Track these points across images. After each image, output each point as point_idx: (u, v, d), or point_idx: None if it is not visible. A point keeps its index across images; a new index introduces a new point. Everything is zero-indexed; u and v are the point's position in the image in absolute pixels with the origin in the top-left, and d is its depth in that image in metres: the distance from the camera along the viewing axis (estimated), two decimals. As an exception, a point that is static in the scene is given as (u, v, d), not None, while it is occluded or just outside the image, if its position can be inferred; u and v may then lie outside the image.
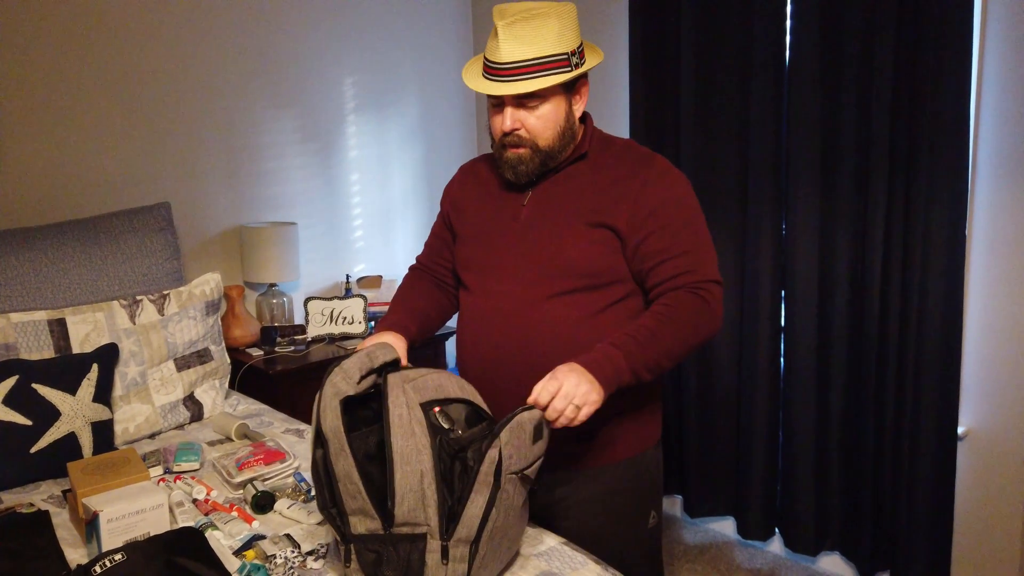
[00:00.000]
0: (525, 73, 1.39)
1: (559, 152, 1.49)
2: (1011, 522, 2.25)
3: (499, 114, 1.46)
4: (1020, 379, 2.19)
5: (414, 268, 1.79)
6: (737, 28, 2.49)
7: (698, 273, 1.44)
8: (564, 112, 1.46)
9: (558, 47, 1.40)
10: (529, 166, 1.47)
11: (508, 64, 1.39)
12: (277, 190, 3.00)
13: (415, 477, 1.21)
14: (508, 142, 1.46)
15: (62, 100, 2.49)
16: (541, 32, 1.39)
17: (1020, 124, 2.11)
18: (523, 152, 1.46)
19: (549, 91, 1.43)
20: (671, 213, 1.46)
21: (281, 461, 1.84)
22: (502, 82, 1.40)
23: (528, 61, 1.38)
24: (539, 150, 1.46)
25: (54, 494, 1.79)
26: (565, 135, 1.48)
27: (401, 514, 1.21)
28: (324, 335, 2.90)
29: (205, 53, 2.76)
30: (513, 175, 1.50)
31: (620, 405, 1.50)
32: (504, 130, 1.45)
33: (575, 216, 1.47)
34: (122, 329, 2.12)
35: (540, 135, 1.45)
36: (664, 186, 1.48)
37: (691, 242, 1.46)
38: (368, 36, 3.16)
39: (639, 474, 1.56)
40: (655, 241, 1.45)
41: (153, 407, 2.13)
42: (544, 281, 1.46)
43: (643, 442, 1.57)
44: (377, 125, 3.24)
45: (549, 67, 1.40)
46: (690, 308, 1.41)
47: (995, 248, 2.19)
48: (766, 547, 2.76)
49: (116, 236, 2.30)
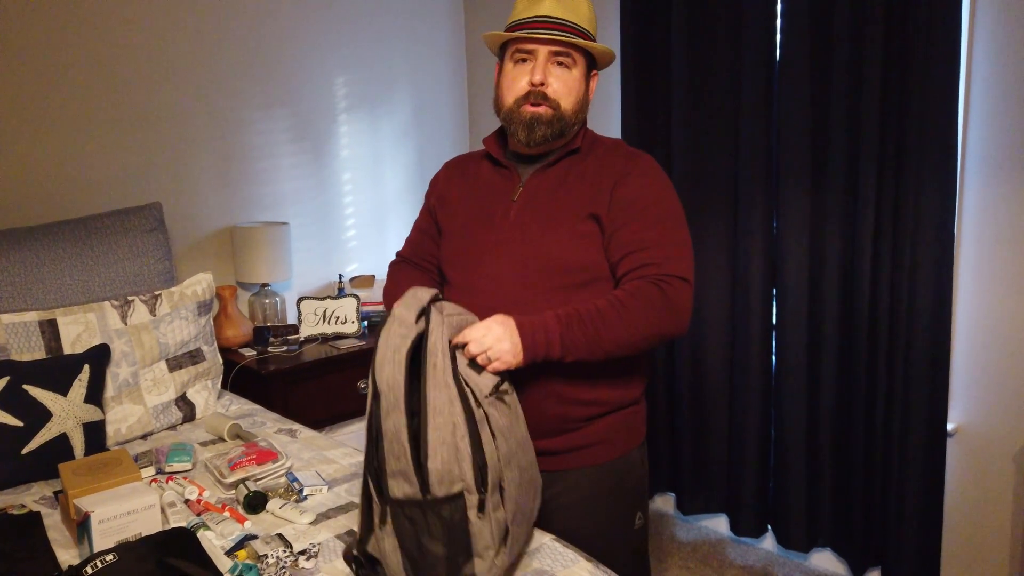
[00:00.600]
0: (566, 31, 1.45)
1: (573, 124, 1.50)
2: (1000, 517, 2.27)
3: (524, 68, 1.48)
4: (1009, 376, 2.21)
5: (397, 261, 1.77)
6: (727, 29, 2.50)
7: (664, 267, 1.41)
8: (584, 87, 1.52)
9: (589, 25, 1.49)
10: (547, 129, 1.47)
11: (552, 18, 1.45)
12: (269, 190, 3.00)
13: (447, 429, 1.19)
14: (532, 99, 1.46)
15: (52, 100, 2.48)
16: (579, 4, 1.48)
17: (1008, 123, 2.12)
18: (543, 111, 1.47)
19: (577, 59, 1.49)
20: (647, 207, 1.45)
21: (273, 461, 1.84)
22: (544, 33, 1.45)
23: (570, 21, 1.46)
24: (560, 112, 1.47)
25: (45, 495, 1.78)
26: (582, 108, 1.51)
27: (435, 469, 1.18)
28: (317, 335, 2.90)
29: (196, 52, 2.76)
30: (527, 136, 1.47)
31: (604, 405, 1.51)
32: (534, 82, 1.46)
33: (565, 212, 1.47)
34: (113, 330, 2.12)
35: (564, 97, 1.48)
36: (644, 182, 1.48)
37: (663, 238, 1.44)
38: (359, 35, 3.15)
39: (624, 475, 1.56)
40: (627, 232, 1.44)
41: (145, 408, 2.13)
42: (534, 277, 1.46)
43: (628, 442, 1.56)
44: (369, 124, 3.24)
45: (585, 35, 1.48)
46: (647, 298, 1.38)
47: (983, 245, 2.20)
48: (759, 544, 2.77)
49: (107, 236, 2.30)
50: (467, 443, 1.19)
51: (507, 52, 1.51)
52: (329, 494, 1.75)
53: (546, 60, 1.46)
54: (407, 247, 1.75)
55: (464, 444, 1.19)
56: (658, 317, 1.38)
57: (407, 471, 1.20)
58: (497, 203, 1.54)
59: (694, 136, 2.62)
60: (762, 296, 2.56)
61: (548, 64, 1.46)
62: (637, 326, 1.37)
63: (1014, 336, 2.18)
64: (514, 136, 1.50)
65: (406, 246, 1.76)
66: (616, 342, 1.38)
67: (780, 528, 2.62)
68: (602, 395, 1.49)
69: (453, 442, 1.19)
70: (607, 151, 1.54)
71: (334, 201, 3.18)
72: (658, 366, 2.83)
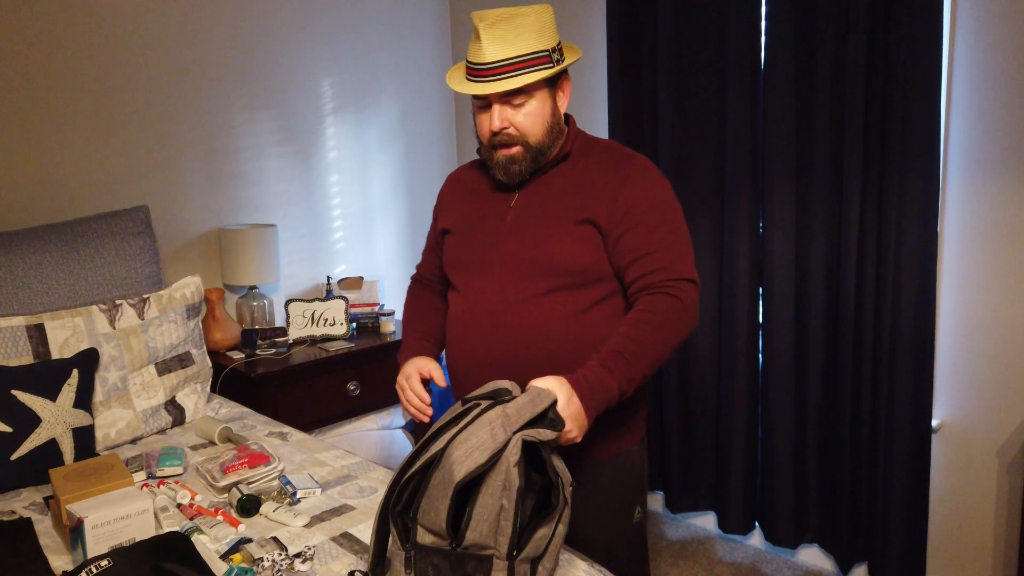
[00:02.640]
0: (509, 71, 1.42)
1: (548, 148, 1.51)
2: (984, 512, 2.30)
3: (486, 115, 1.48)
4: (992, 372, 2.24)
5: (415, 280, 1.83)
6: (713, 30, 2.52)
7: (672, 271, 1.45)
8: (550, 108, 1.49)
9: (539, 44, 1.44)
10: (522, 165, 1.49)
11: (492, 64, 1.42)
12: (256, 192, 2.99)
13: (494, 510, 1.19)
14: (498, 142, 1.48)
15: (38, 104, 2.46)
16: (521, 31, 1.42)
17: (990, 122, 2.16)
18: (515, 151, 1.48)
19: (534, 88, 1.46)
20: (648, 211, 1.48)
21: (265, 464, 1.83)
22: (487, 82, 1.43)
23: (511, 59, 1.41)
24: (530, 147, 1.48)
25: (36, 501, 1.77)
26: (553, 131, 1.50)
27: (471, 539, 1.20)
28: (306, 337, 2.89)
29: (182, 55, 2.74)
30: (505, 175, 1.51)
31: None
32: (493, 129, 1.47)
33: (560, 215, 1.49)
34: (102, 334, 2.11)
35: (529, 132, 1.47)
36: (643, 184, 1.50)
37: (666, 240, 1.47)
38: (346, 37, 3.15)
39: (624, 471, 1.59)
40: (631, 238, 1.46)
41: (134, 412, 2.12)
42: (530, 279, 1.48)
43: (628, 441, 1.59)
44: (356, 126, 3.24)
45: (532, 64, 1.43)
46: (669, 312, 1.42)
47: (966, 244, 2.24)
48: (747, 541, 2.80)
49: (94, 240, 2.28)
50: (509, 523, 1.19)
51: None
52: (322, 496, 1.75)
53: (501, 104, 1.46)
54: (423, 263, 1.82)
55: (507, 524, 1.20)
56: (680, 325, 1.44)
57: (439, 525, 1.20)
58: (495, 209, 1.56)
59: (680, 137, 2.64)
60: (749, 295, 2.59)
61: (504, 107, 1.46)
62: (669, 342, 1.43)
63: (997, 332, 2.22)
64: (495, 175, 1.53)
65: (422, 261, 1.82)
66: (655, 364, 1.42)
67: (768, 525, 2.65)
68: None
69: (496, 522, 1.20)
70: (601, 155, 1.55)
71: (322, 203, 3.17)
72: (646, 365, 2.85)
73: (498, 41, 1.41)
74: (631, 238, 1.46)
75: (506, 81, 1.41)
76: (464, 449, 1.20)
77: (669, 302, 1.42)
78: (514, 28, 1.41)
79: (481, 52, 1.42)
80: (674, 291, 1.43)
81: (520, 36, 1.41)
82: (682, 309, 1.43)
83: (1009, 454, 2.24)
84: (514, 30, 1.41)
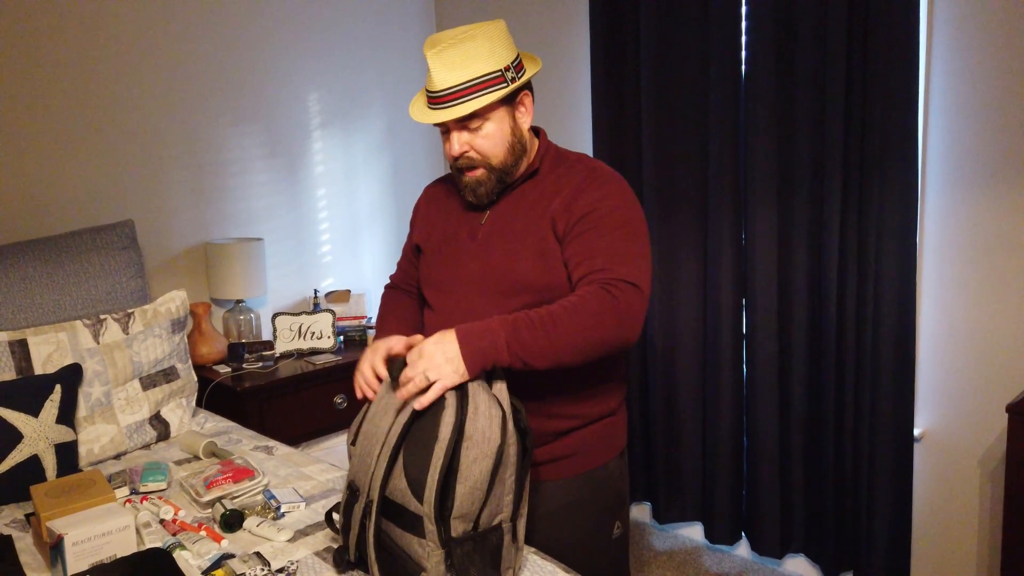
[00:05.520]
0: (461, 97, 1.41)
1: (513, 167, 1.51)
2: (967, 519, 2.32)
3: (447, 140, 1.49)
4: (973, 380, 2.27)
5: (389, 287, 1.81)
6: (695, 46, 2.55)
7: (613, 272, 1.37)
8: (509, 127, 1.48)
9: (489, 65, 1.41)
10: (487, 186, 1.50)
11: (443, 91, 1.42)
12: (242, 206, 2.99)
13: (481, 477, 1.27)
14: (461, 166, 1.49)
15: (21, 118, 2.46)
16: (471, 54, 1.41)
17: (966, 134, 2.19)
18: (479, 174, 1.49)
19: (488, 110, 1.44)
20: (602, 218, 1.44)
21: (250, 479, 1.83)
22: (440, 109, 1.43)
23: (462, 84, 1.41)
24: (493, 169, 1.49)
25: (17, 518, 1.76)
26: (515, 149, 1.49)
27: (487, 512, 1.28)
28: (293, 351, 2.89)
29: (167, 69, 2.75)
30: (474, 197, 1.52)
31: (582, 418, 1.53)
32: (453, 155, 1.48)
33: (527, 232, 1.49)
34: (85, 349, 2.10)
35: (491, 154, 1.47)
36: (600, 194, 1.46)
37: (615, 246, 1.42)
38: (332, 51, 3.17)
39: (603, 485, 1.58)
40: (580, 242, 1.43)
41: (118, 427, 2.11)
42: (499, 297, 1.48)
43: (606, 453, 1.58)
44: (343, 140, 3.25)
45: (484, 86, 1.41)
46: (595, 303, 1.33)
47: (945, 252, 2.27)
48: (733, 551, 2.81)
49: (79, 255, 2.28)
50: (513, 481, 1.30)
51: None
52: (307, 511, 1.75)
53: (458, 131, 1.46)
54: (398, 273, 1.81)
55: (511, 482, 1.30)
56: (605, 320, 1.33)
57: (473, 511, 1.27)
58: (466, 226, 1.57)
59: (663, 149, 2.67)
60: (732, 306, 2.60)
61: (461, 132, 1.46)
62: (587, 329, 1.32)
63: (977, 341, 2.24)
64: (464, 197, 1.54)
65: (397, 271, 1.81)
66: (570, 345, 1.32)
67: (754, 535, 2.66)
68: (580, 408, 1.52)
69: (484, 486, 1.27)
70: (569, 168, 1.53)
71: (309, 216, 3.18)
72: (631, 376, 2.86)
73: (447, 67, 1.40)
74: (580, 242, 1.43)
75: (456, 107, 1.41)
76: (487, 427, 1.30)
77: (599, 294, 1.34)
78: (463, 52, 1.40)
79: (432, 79, 1.42)
80: (610, 288, 1.35)
81: (469, 59, 1.40)
82: (611, 306, 1.33)
83: (991, 462, 2.26)
84: (463, 54, 1.40)
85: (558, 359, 1.33)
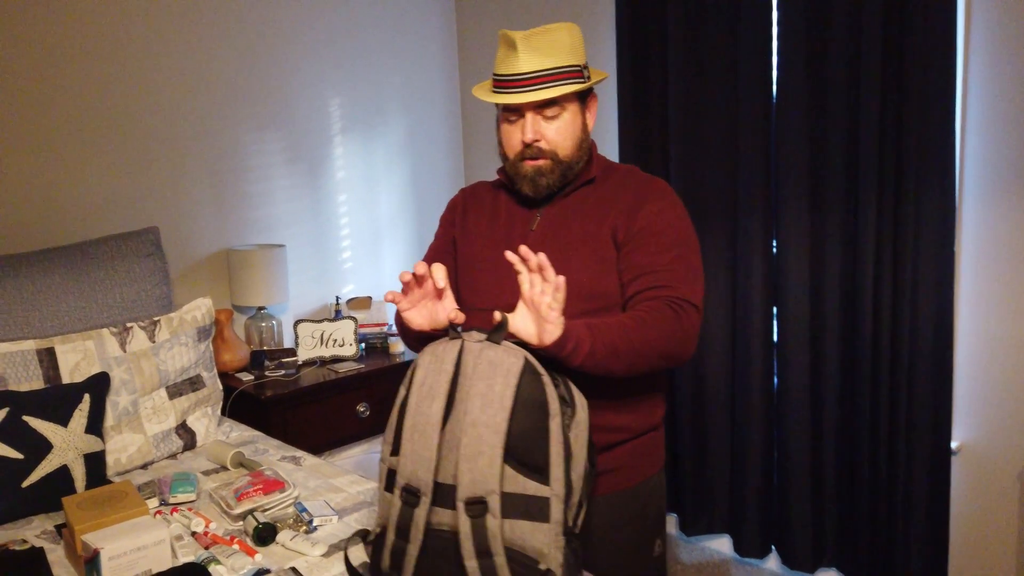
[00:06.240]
0: (545, 82, 1.42)
1: (576, 164, 1.50)
2: (1006, 534, 2.27)
3: (516, 127, 1.48)
4: (1011, 393, 2.22)
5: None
6: (724, 51, 2.52)
7: (677, 290, 1.40)
8: (580, 123, 1.50)
9: (572, 58, 1.45)
10: (550, 178, 1.48)
11: (527, 74, 1.42)
12: (264, 212, 2.97)
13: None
14: (529, 154, 1.47)
15: (46, 125, 2.44)
16: (556, 44, 1.43)
17: (1005, 141, 2.15)
18: (543, 163, 1.47)
19: (567, 101, 1.46)
20: (662, 232, 1.45)
21: (280, 490, 1.80)
22: (522, 92, 1.42)
23: (547, 70, 1.42)
24: (559, 161, 1.47)
25: (47, 529, 1.74)
26: (582, 147, 1.50)
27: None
28: (315, 358, 2.86)
29: (190, 75, 2.74)
30: (532, 188, 1.49)
31: (627, 432, 1.50)
32: (525, 140, 1.46)
33: (583, 239, 1.47)
34: (112, 357, 2.08)
35: (560, 145, 1.47)
36: (659, 207, 1.48)
37: (676, 263, 1.44)
38: (353, 57, 3.15)
39: (645, 502, 1.55)
40: (642, 254, 1.44)
41: (145, 436, 2.09)
42: None
43: (649, 468, 1.56)
44: (363, 145, 3.23)
45: (566, 76, 1.44)
46: (662, 316, 1.35)
47: (983, 261, 2.23)
48: (763, 564, 2.76)
49: (104, 262, 2.26)
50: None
51: (499, 106, 1.52)
52: (339, 524, 1.72)
53: (534, 115, 1.45)
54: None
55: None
56: (672, 337, 1.36)
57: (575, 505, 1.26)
58: (516, 232, 1.54)
59: (692, 157, 2.63)
60: (763, 315, 2.57)
61: (537, 118, 1.46)
62: (653, 341, 1.34)
63: (1016, 353, 2.20)
64: (520, 188, 1.51)
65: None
66: (640, 354, 1.33)
67: (785, 548, 2.62)
68: (626, 421, 1.49)
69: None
70: (623, 178, 1.55)
71: (330, 223, 3.16)
72: (659, 386, 2.82)
73: (534, 52, 1.41)
74: (642, 255, 1.44)
75: (541, 91, 1.42)
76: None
77: (666, 310, 1.36)
78: (549, 41, 1.43)
79: (517, 62, 1.42)
80: (675, 306, 1.38)
81: (555, 49, 1.43)
82: (677, 325, 1.36)
83: (1030, 476, 2.22)
84: (549, 43, 1.42)
85: (629, 365, 1.33)
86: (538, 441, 1.18)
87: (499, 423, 1.16)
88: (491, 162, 3.54)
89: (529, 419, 1.18)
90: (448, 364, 1.23)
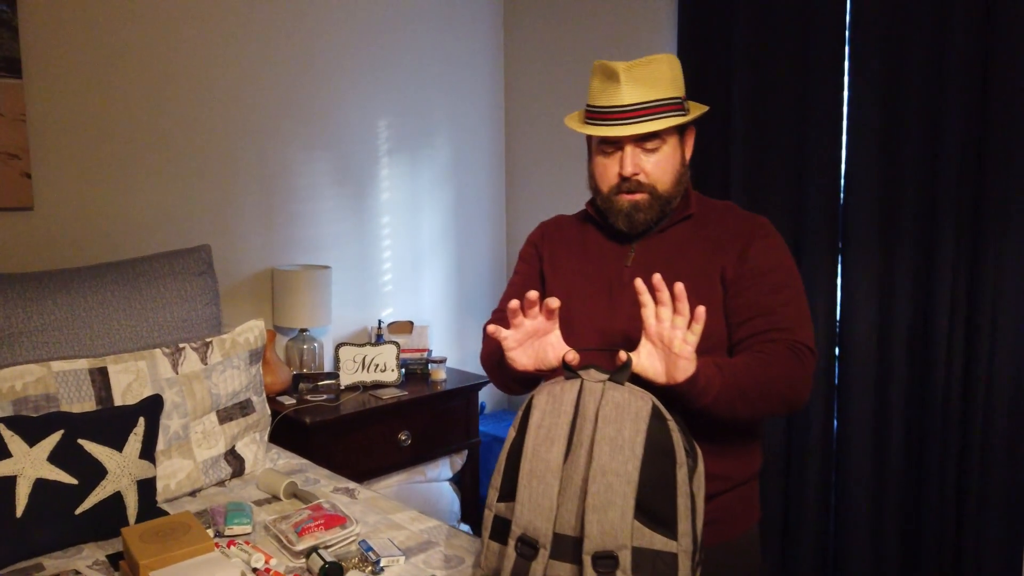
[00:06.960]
0: (648, 115, 1.38)
1: (674, 199, 1.45)
2: (1078, 596, 2.19)
3: (613, 160, 1.43)
4: (1088, 448, 2.14)
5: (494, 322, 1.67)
6: (793, 76, 2.47)
7: (795, 334, 1.36)
8: (679, 157, 1.45)
9: (673, 91, 1.41)
10: (648, 213, 1.43)
11: (629, 106, 1.37)
12: (310, 232, 2.92)
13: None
14: (626, 188, 1.42)
15: (96, 141, 2.40)
16: (658, 76, 1.39)
17: (1088, 190, 2.09)
18: (641, 198, 1.42)
19: (667, 134, 1.42)
20: (771, 271, 1.41)
21: (342, 526, 1.72)
22: (623, 124, 1.37)
23: (650, 102, 1.38)
24: (658, 195, 1.43)
25: (99, 559, 1.66)
26: (680, 181, 1.46)
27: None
28: (357, 383, 2.79)
29: (242, 95, 2.70)
30: (627, 224, 1.44)
31: (727, 480, 1.43)
32: (624, 174, 1.41)
33: (693, 277, 1.41)
34: (164, 379, 2.01)
35: (659, 180, 1.42)
36: (768, 247, 1.44)
37: (789, 305, 1.40)
38: (402, 78, 3.11)
39: (740, 557, 1.48)
40: (753, 295, 1.39)
41: (195, 462, 2.01)
42: None
43: (747, 520, 1.49)
44: (409, 167, 3.18)
45: (668, 108, 1.40)
46: (785, 359, 1.32)
47: (1061, 314, 2.16)
48: (813, 614, 2.67)
49: (156, 279, 2.20)
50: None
51: (592, 138, 1.47)
52: (406, 565, 1.64)
53: (633, 148, 1.41)
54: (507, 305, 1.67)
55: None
56: (793, 382, 1.32)
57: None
58: (610, 268, 1.48)
59: (754, 190, 2.58)
60: (824, 356, 2.50)
61: (636, 151, 1.41)
62: (778, 385, 1.30)
63: (1094, 407, 2.13)
64: (614, 223, 1.46)
65: (505, 303, 1.67)
66: (763, 397, 1.29)
67: (839, 599, 2.53)
68: (728, 469, 1.42)
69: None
70: (722, 214, 1.50)
71: (373, 245, 3.10)
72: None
73: (636, 84, 1.37)
74: (755, 294, 1.39)
75: (646, 124, 1.37)
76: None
77: (788, 356, 1.33)
78: (651, 73, 1.39)
79: (619, 94, 1.37)
80: (795, 350, 1.33)
81: (657, 81, 1.39)
82: (799, 368, 1.33)
83: (1107, 535, 2.13)
84: (651, 75, 1.39)
85: (754, 408, 1.28)
86: (665, 491, 1.11)
87: (630, 472, 1.10)
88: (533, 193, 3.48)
89: (656, 468, 1.11)
90: (568, 406, 1.16)
